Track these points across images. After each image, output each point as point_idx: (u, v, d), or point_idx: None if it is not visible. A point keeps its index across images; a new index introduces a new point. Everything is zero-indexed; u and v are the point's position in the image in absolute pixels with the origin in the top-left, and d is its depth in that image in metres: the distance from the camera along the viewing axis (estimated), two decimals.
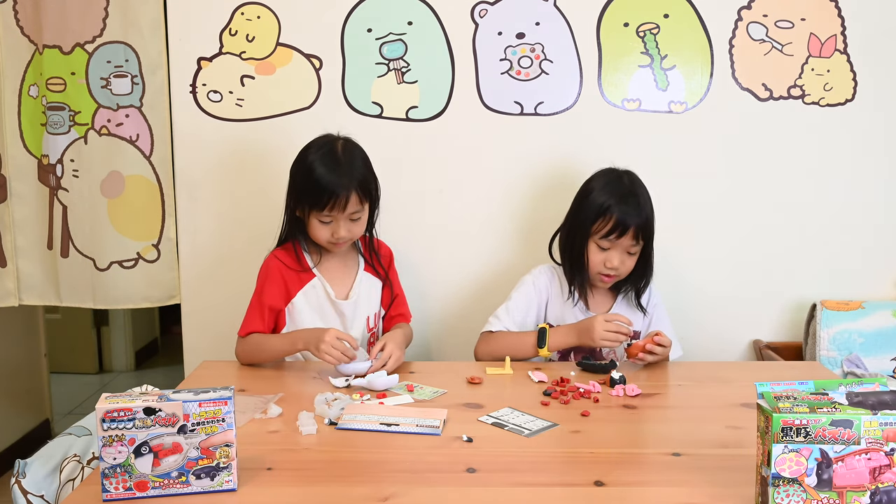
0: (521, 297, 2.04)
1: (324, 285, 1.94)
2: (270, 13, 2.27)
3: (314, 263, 1.95)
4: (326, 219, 1.85)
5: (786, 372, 1.93)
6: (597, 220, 1.91)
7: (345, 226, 1.86)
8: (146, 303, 2.43)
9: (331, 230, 1.87)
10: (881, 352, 2.22)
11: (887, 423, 1.08)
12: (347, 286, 1.98)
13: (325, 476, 1.28)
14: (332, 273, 1.97)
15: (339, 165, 1.84)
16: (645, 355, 1.82)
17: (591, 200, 1.94)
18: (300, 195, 1.87)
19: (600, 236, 1.91)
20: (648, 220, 1.92)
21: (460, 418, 1.51)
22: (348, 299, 1.96)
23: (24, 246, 2.41)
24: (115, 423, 1.15)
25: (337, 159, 1.85)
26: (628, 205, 1.90)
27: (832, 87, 2.28)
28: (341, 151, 1.87)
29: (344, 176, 1.82)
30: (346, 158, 1.86)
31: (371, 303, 2.01)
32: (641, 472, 1.31)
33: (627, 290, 2.03)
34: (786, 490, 1.09)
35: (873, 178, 2.32)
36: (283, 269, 1.92)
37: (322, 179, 1.82)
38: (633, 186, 1.95)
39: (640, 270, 1.99)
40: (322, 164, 1.84)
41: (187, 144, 2.32)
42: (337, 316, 1.95)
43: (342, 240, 1.88)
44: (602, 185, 1.95)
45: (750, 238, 2.34)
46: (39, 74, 2.32)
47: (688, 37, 2.27)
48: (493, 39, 2.26)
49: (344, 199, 1.82)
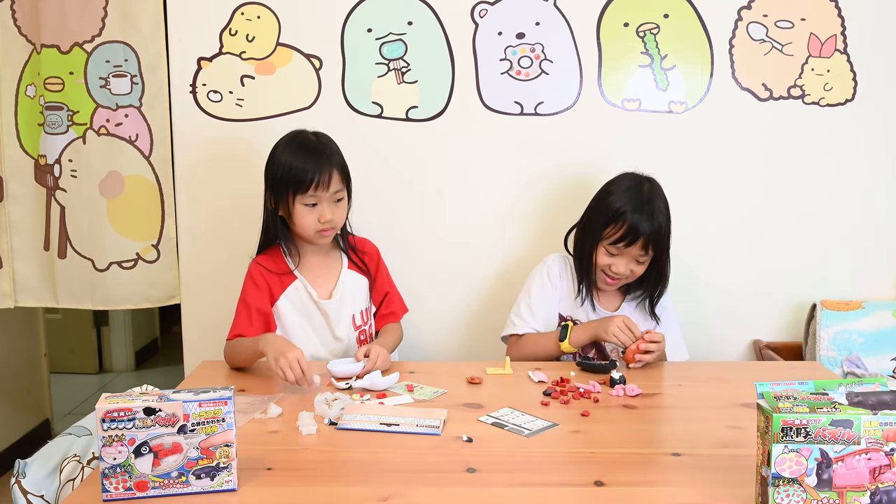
0: (541, 292, 2.04)
1: (305, 286, 1.95)
2: (270, 13, 2.27)
3: (295, 265, 1.95)
4: (311, 200, 1.86)
5: (786, 372, 1.93)
6: (609, 224, 1.91)
7: (329, 208, 1.87)
8: (146, 303, 2.43)
9: (317, 214, 1.87)
10: (881, 352, 2.22)
11: (887, 423, 1.08)
12: (330, 285, 1.98)
13: (325, 476, 1.28)
14: (314, 273, 1.98)
15: (315, 146, 1.89)
16: (642, 356, 1.82)
17: (607, 204, 1.94)
18: (282, 185, 1.87)
19: (610, 242, 1.92)
20: (661, 230, 1.91)
21: (460, 418, 1.51)
22: (331, 298, 1.96)
23: (20, 247, 2.41)
24: (115, 423, 1.15)
25: (311, 142, 1.91)
26: (642, 213, 1.89)
27: (832, 87, 2.28)
28: (314, 136, 1.93)
29: (323, 154, 1.87)
30: (320, 141, 1.92)
31: (357, 301, 2.01)
32: (641, 472, 1.31)
33: (639, 297, 2.03)
34: (786, 490, 1.09)
35: (873, 179, 2.32)
36: (266, 274, 1.93)
37: (303, 159, 1.86)
38: (651, 195, 1.93)
39: (655, 279, 1.98)
40: (299, 148, 1.89)
41: (187, 144, 2.32)
42: (321, 316, 1.96)
43: (329, 224, 1.88)
44: (621, 190, 1.95)
45: (750, 238, 2.34)
46: (37, 74, 2.32)
47: (688, 37, 2.27)
48: (493, 39, 2.26)
49: (327, 174, 1.84)
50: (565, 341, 1.91)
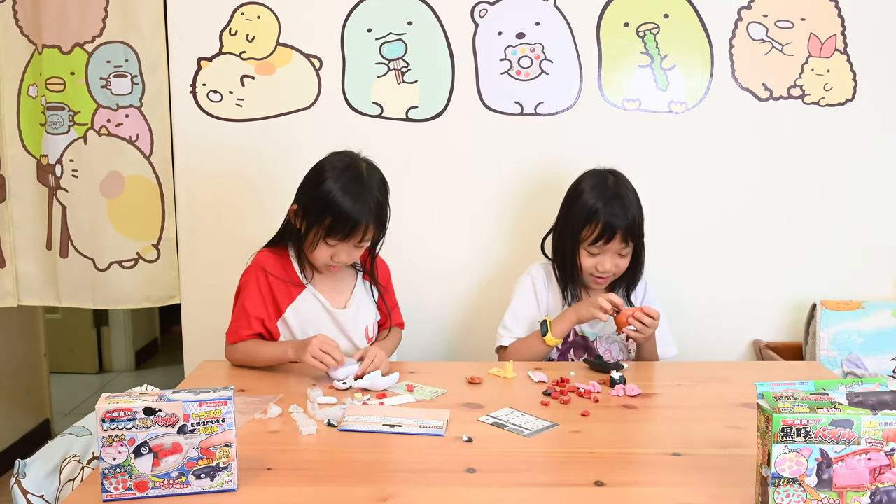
0: (523, 299, 2.05)
1: (316, 296, 1.89)
2: (270, 13, 2.27)
3: (304, 276, 1.88)
4: (333, 243, 1.79)
5: (786, 372, 1.93)
6: (584, 226, 1.92)
7: (347, 251, 1.81)
8: (146, 303, 2.43)
9: (332, 253, 1.81)
10: (881, 352, 2.22)
11: (887, 423, 1.08)
12: (344, 296, 1.93)
13: (325, 476, 1.28)
14: (325, 283, 1.91)
15: (360, 196, 1.75)
16: (634, 322, 1.83)
17: (578, 206, 1.94)
18: (314, 217, 1.77)
19: (589, 243, 1.93)
20: (635, 220, 1.92)
21: (460, 418, 1.51)
22: (346, 308, 1.92)
23: (22, 246, 2.41)
24: (115, 423, 1.15)
25: (359, 189, 1.76)
26: (614, 208, 1.90)
27: (832, 87, 2.28)
28: (365, 178, 1.78)
29: (364, 207, 1.75)
30: (367, 187, 1.77)
31: (369, 312, 1.97)
32: (641, 472, 1.31)
33: (619, 288, 2.04)
34: (786, 490, 1.09)
35: (873, 178, 2.32)
36: (272, 280, 1.86)
37: (344, 211, 1.73)
38: (618, 188, 1.94)
39: (631, 268, 1.99)
40: (344, 194, 1.74)
41: (187, 144, 2.32)
42: (335, 326, 1.90)
43: (341, 264, 1.84)
44: (588, 189, 1.95)
45: (750, 238, 2.34)
46: (39, 74, 2.32)
47: (688, 37, 2.27)
48: (493, 39, 2.26)
49: (361, 231, 1.76)
50: (548, 335, 1.92)
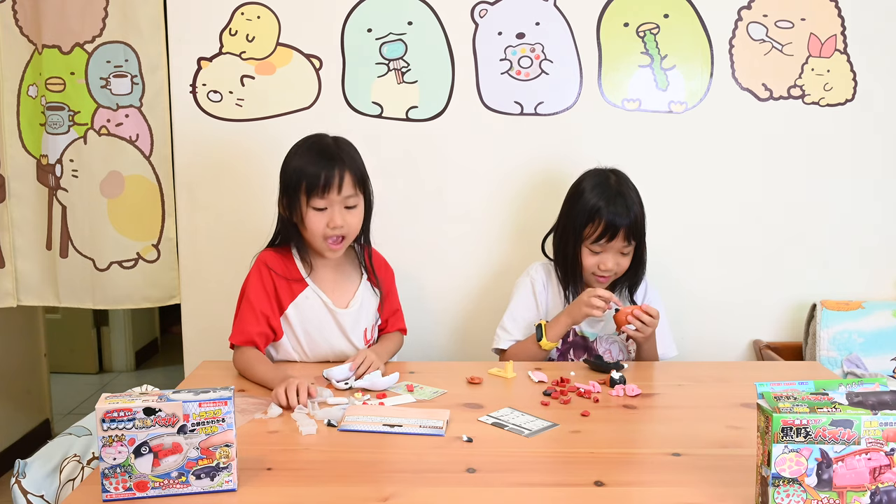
0: (522, 301, 2.05)
1: (318, 294, 1.88)
2: (270, 13, 2.27)
3: (307, 273, 1.88)
4: (321, 204, 1.78)
5: (786, 372, 1.93)
6: (587, 225, 1.92)
7: (340, 213, 1.79)
8: (146, 303, 2.43)
9: (326, 219, 1.80)
10: (881, 352, 2.22)
11: (887, 423, 1.08)
12: (346, 296, 1.92)
13: (325, 476, 1.28)
14: (328, 283, 1.90)
15: (326, 152, 1.81)
16: (634, 320, 1.83)
17: (580, 205, 1.95)
18: (294, 187, 1.80)
19: (591, 241, 1.93)
20: (637, 219, 1.93)
21: (460, 418, 1.51)
22: (348, 308, 1.90)
23: (22, 246, 2.41)
24: (115, 423, 1.15)
25: (328, 145, 1.84)
26: (616, 206, 1.91)
27: (832, 87, 2.28)
28: (330, 141, 1.86)
29: (336, 157, 1.80)
30: (337, 145, 1.84)
31: (369, 314, 1.96)
32: (641, 472, 1.31)
33: (621, 287, 2.04)
34: (786, 490, 1.09)
35: (873, 178, 2.32)
36: (275, 277, 1.86)
37: (312, 168, 1.78)
38: (619, 187, 1.95)
39: (633, 267, 1.99)
40: (314, 150, 1.82)
41: (187, 144, 2.32)
42: (336, 326, 1.89)
43: (339, 231, 1.81)
44: (590, 188, 1.96)
45: (750, 238, 2.34)
46: (39, 74, 2.32)
47: (688, 37, 2.27)
48: (493, 39, 2.26)
49: (338, 177, 1.77)
50: (543, 339, 1.92)
